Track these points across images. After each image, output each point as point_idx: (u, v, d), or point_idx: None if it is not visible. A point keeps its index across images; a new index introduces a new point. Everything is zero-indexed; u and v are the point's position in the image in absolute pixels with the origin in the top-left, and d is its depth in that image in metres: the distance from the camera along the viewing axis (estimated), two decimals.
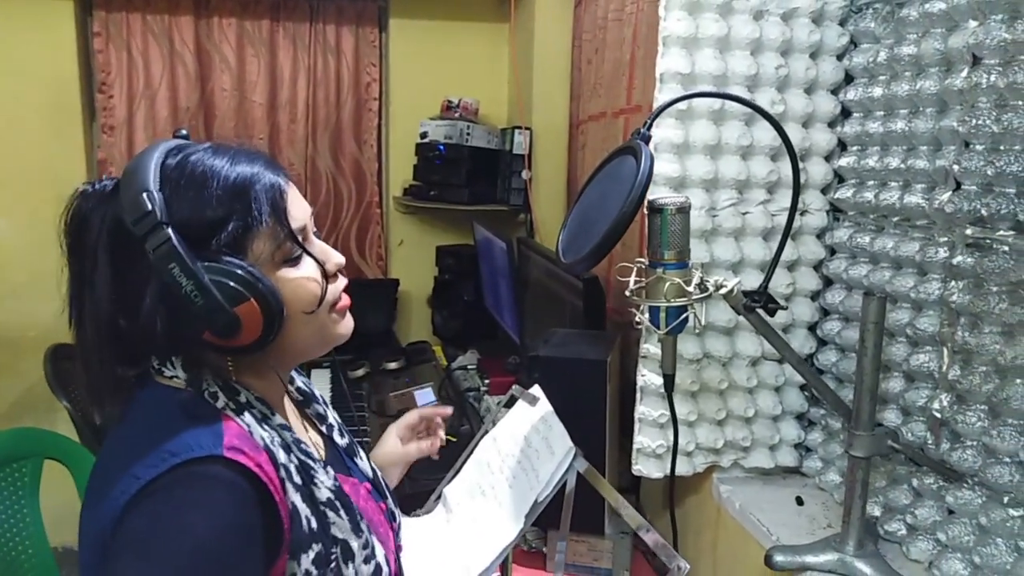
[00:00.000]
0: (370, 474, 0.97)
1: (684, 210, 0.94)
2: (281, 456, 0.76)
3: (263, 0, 2.71)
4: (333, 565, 0.77)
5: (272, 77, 2.78)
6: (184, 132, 0.84)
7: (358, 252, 2.96)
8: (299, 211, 0.81)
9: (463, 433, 1.84)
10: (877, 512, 1.15)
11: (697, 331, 1.20)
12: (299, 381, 0.99)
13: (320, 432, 0.96)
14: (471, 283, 2.63)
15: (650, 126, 0.94)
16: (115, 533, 0.69)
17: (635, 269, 0.97)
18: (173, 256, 0.70)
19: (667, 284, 0.93)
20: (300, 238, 0.80)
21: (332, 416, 0.99)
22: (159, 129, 2.69)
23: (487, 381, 2.14)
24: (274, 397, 0.86)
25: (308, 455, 0.82)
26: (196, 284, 0.71)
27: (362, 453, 0.98)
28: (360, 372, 2.35)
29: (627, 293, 0.97)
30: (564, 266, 0.92)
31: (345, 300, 0.87)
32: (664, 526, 1.57)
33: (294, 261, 0.80)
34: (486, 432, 1.14)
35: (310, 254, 0.81)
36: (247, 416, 0.77)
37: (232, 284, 0.72)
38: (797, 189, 1.00)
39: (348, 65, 2.83)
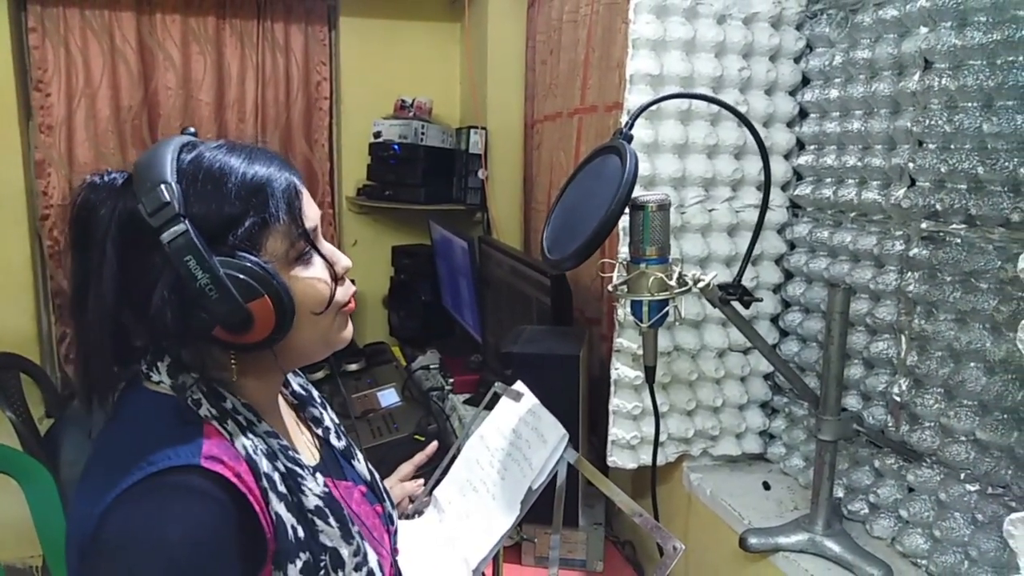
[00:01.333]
0: (367, 476, 0.96)
1: (664, 207, 0.97)
2: (264, 465, 0.75)
3: None
4: (322, 573, 0.77)
5: (219, 75, 2.71)
6: (192, 130, 0.83)
7: None
8: (312, 212, 0.82)
9: (430, 432, 1.84)
10: (841, 493, 1.21)
11: (678, 323, 1.23)
12: (295, 384, 0.98)
13: (316, 435, 0.95)
14: (428, 282, 2.63)
15: (631, 126, 0.97)
16: (92, 542, 0.68)
17: (617, 265, 1.00)
18: (190, 248, 0.70)
19: (650, 279, 0.96)
20: (312, 238, 0.81)
21: (328, 418, 0.99)
22: (100, 129, 2.60)
23: (451, 380, 2.15)
24: (265, 402, 0.85)
25: (296, 462, 0.81)
26: (212, 278, 0.70)
27: (360, 455, 0.98)
28: (320, 374, 2.32)
29: (610, 288, 1.00)
30: (551, 263, 0.94)
31: (352, 304, 0.87)
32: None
33: (305, 261, 0.80)
34: (469, 433, 1.15)
35: (321, 255, 0.81)
36: (230, 424, 0.76)
37: (247, 280, 0.72)
38: (768, 185, 1.05)
39: (298, 64, 2.79)
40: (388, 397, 2.09)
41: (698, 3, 1.23)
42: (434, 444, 1.19)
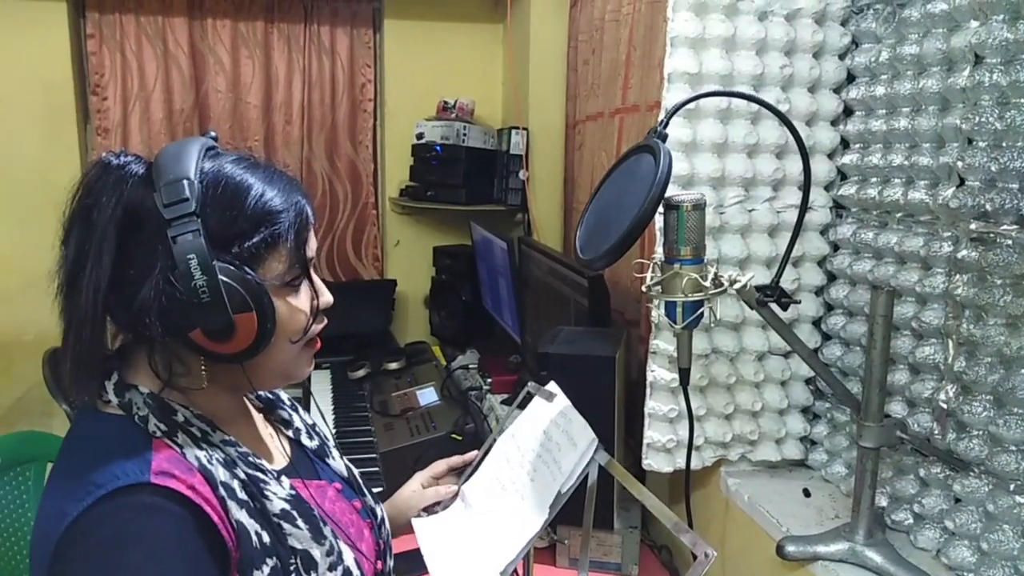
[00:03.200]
0: (344, 473, 0.96)
1: (700, 207, 0.96)
2: (221, 474, 0.75)
3: (257, 1, 2.71)
4: None
5: (267, 79, 2.77)
6: (214, 134, 0.84)
7: (354, 253, 2.96)
8: (313, 243, 0.84)
9: (468, 432, 1.85)
10: (884, 502, 1.18)
11: (713, 325, 1.21)
12: None
13: (287, 437, 0.96)
14: (468, 283, 2.64)
15: (666, 124, 0.95)
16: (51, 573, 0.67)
17: (651, 265, 0.99)
18: (195, 248, 0.70)
19: (684, 280, 0.95)
20: (308, 267, 0.82)
21: (299, 419, 0.99)
22: (154, 131, 2.68)
23: (489, 380, 2.15)
24: (224, 411, 0.85)
25: (258, 468, 0.80)
26: (208, 281, 0.70)
27: (335, 453, 0.98)
28: (361, 373, 2.35)
29: (644, 289, 0.99)
30: (583, 263, 0.93)
31: (318, 344, 0.87)
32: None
33: (295, 289, 0.81)
34: (503, 430, 1.15)
35: (313, 286, 0.82)
36: (180, 437, 0.75)
37: (241, 291, 0.73)
38: (808, 185, 1.02)
39: (343, 66, 2.84)
40: (427, 396, 2.10)
41: (739, 0, 1.21)
42: (474, 453, 1.18)
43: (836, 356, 1.31)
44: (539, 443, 1.02)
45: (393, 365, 2.36)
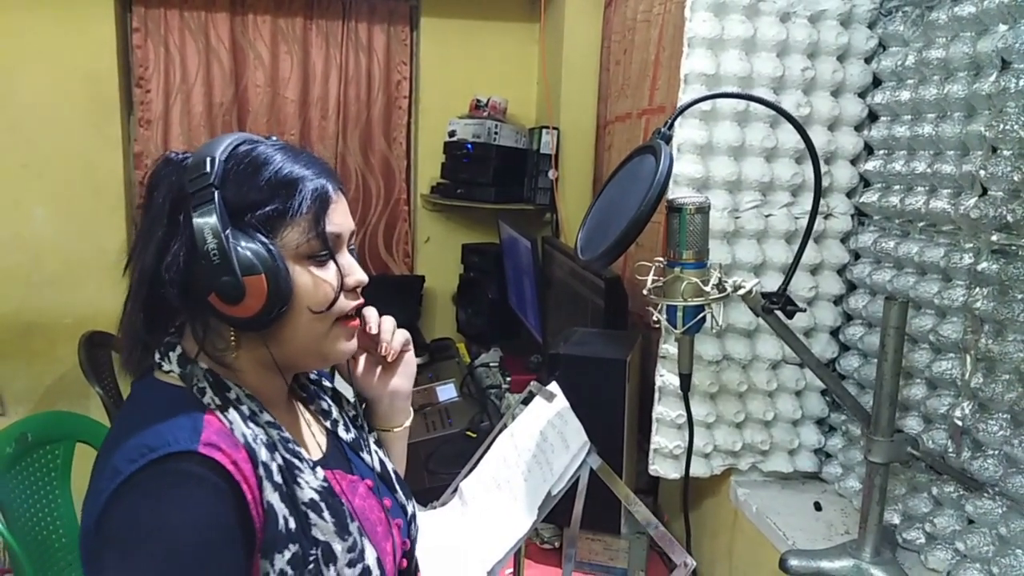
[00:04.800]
0: (378, 468, 0.97)
1: (703, 210, 0.94)
2: (263, 454, 0.77)
3: None
4: (312, 567, 0.77)
5: (304, 74, 2.82)
6: (275, 137, 0.88)
7: (385, 248, 2.99)
8: (340, 219, 0.84)
9: (483, 430, 1.85)
10: (896, 520, 1.14)
11: (715, 331, 1.19)
12: (303, 376, 1.00)
13: (324, 428, 0.97)
14: (496, 281, 2.64)
15: (671, 125, 0.94)
16: (98, 528, 0.71)
17: (653, 268, 0.98)
18: (209, 213, 0.74)
19: (684, 283, 0.93)
20: (332, 244, 0.83)
21: (338, 411, 1.00)
22: (194, 124, 2.75)
23: (508, 378, 2.15)
24: (270, 394, 0.87)
25: (295, 455, 0.82)
26: (218, 244, 0.74)
27: (371, 447, 0.99)
28: None
29: (645, 292, 0.97)
30: (582, 263, 0.92)
31: (356, 321, 0.88)
32: (682, 527, 1.57)
33: (320, 262, 0.82)
34: (504, 427, 1.15)
35: (335, 259, 0.83)
36: (232, 413, 0.78)
37: (249, 255, 0.76)
38: (819, 190, 0.99)
39: (379, 63, 2.86)
40: (446, 392, 2.11)
41: (760, 0, 1.18)
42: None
43: (853, 367, 1.27)
44: (535, 443, 1.01)
45: (416, 360, 2.37)
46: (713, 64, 1.18)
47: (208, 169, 0.76)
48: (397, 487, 0.99)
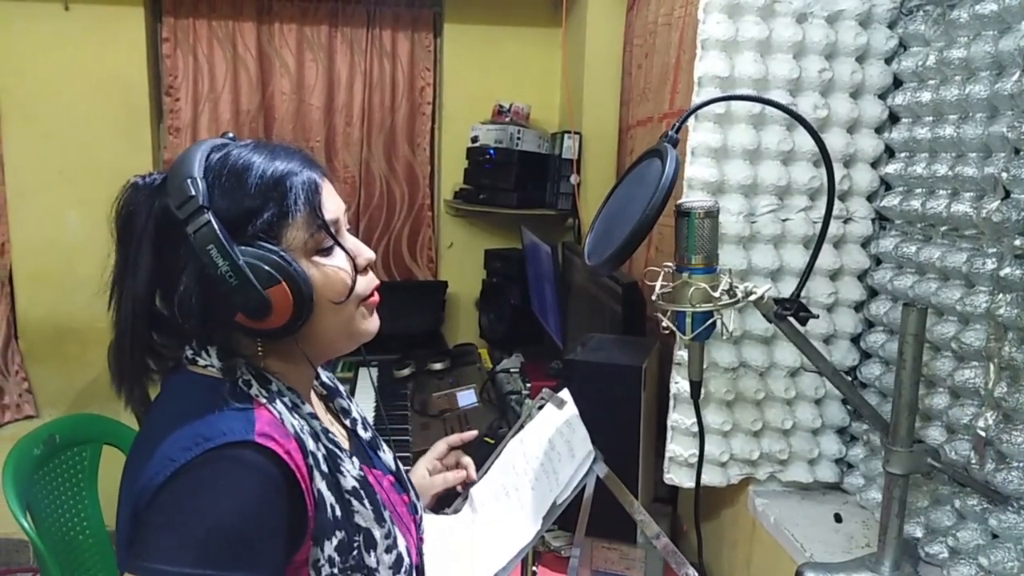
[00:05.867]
0: (393, 467, 0.98)
1: (712, 214, 0.92)
2: (310, 444, 0.79)
3: (322, 6, 2.78)
4: (355, 553, 0.79)
5: (329, 81, 2.84)
6: (231, 135, 0.88)
7: (409, 254, 3.01)
8: (333, 204, 0.84)
9: (501, 436, 1.84)
10: (919, 533, 1.11)
11: (725, 338, 1.17)
12: (323, 376, 1.01)
13: (344, 425, 0.98)
14: (518, 287, 2.63)
15: (678, 129, 0.92)
16: (148, 509, 0.72)
17: (662, 273, 0.96)
18: (211, 238, 0.73)
19: (692, 289, 0.92)
20: (332, 230, 0.83)
21: (356, 410, 1.01)
22: (221, 131, 2.77)
23: (528, 384, 2.14)
24: (303, 388, 0.89)
25: (336, 444, 0.84)
26: (231, 265, 0.74)
27: (385, 447, 1.00)
28: (406, 372, 2.38)
29: (653, 298, 0.96)
30: (588, 269, 0.91)
31: (375, 297, 0.88)
32: (703, 536, 1.55)
33: (326, 251, 0.82)
34: (515, 434, 1.14)
35: (342, 245, 0.83)
36: (279, 404, 0.79)
37: (265, 267, 0.75)
38: (832, 194, 0.97)
39: (403, 70, 2.88)
40: (466, 398, 2.10)
41: (776, 1, 1.16)
42: (473, 432, 1.18)
43: (875, 375, 1.24)
44: (543, 451, 1.00)
45: (437, 366, 2.38)
46: (727, 66, 1.16)
47: (193, 192, 0.74)
48: (410, 488, 1.00)
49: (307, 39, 2.82)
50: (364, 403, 2.17)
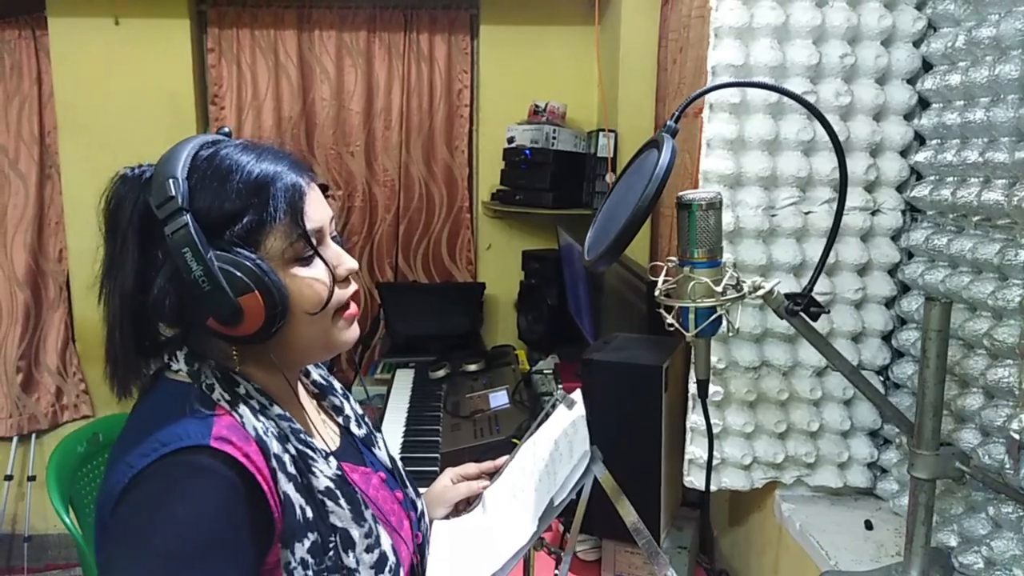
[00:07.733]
0: (388, 463, 0.97)
1: (715, 206, 0.89)
2: (274, 447, 0.77)
3: (361, 12, 2.82)
4: (332, 553, 0.78)
5: (368, 86, 2.88)
6: (227, 129, 0.87)
7: (449, 256, 3.01)
8: (317, 213, 0.83)
9: None
10: (953, 542, 1.04)
11: (731, 334, 1.13)
12: (315, 374, 1.01)
13: (337, 423, 0.97)
14: (555, 288, 2.61)
15: (677, 119, 0.89)
16: (109, 520, 0.73)
17: (665, 268, 0.93)
18: (187, 241, 0.73)
19: (694, 283, 0.88)
20: (315, 240, 0.81)
21: (349, 407, 1.00)
22: (264, 138, 2.84)
23: (560, 386, 2.12)
24: (278, 389, 0.87)
25: (308, 445, 0.83)
26: (205, 270, 0.73)
27: (381, 443, 0.99)
28: (441, 373, 2.38)
29: (656, 293, 0.93)
30: (586, 264, 0.89)
31: (353, 308, 0.87)
32: (732, 541, 1.50)
33: (306, 261, 0.81)
34: (529, 436, 1.12)
35: (321, 257, 0.82)
36: (242, 408, 0.79)
37: (239, 275, 0.74)
38: (844, 186, 0.92)
39: (440, 73, 2.89)
40: (498, 399, 2.09)
41: None
42: (505, 458, 1.16)
43: (907, 375, 1.17)
44: (549, 452, 0.98)
45: (472, 367, 2.37)
46: (742, 54, 1.12)
47: (173, 192, 0.74)
48: (408, 483, 0.99)
49: (346, 45, 2.86)
50: (398, 405, 2.19)
